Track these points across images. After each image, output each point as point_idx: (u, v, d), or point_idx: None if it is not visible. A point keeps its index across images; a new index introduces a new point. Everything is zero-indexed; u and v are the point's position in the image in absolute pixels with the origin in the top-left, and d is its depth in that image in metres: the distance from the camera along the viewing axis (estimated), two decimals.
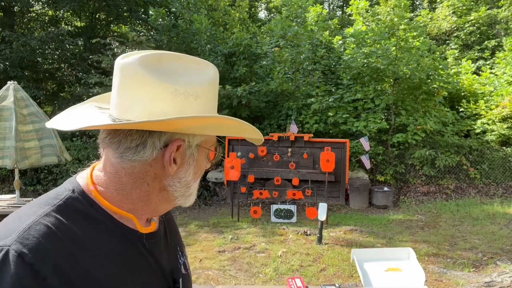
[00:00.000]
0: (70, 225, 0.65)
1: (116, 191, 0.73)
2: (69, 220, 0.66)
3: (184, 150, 0.73)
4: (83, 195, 0.71)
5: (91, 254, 0.65)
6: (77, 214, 0.68)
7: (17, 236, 0.59)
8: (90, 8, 12.99)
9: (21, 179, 6.04)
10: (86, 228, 0.67)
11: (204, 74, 0.74)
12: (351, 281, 4.03)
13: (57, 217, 0.65)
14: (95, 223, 0.69)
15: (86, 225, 0.68)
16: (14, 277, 0.55)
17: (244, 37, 10.06)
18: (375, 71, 9.04)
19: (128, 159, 0.71)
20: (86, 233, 0.67)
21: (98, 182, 0.74)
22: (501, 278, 3.23)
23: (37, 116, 4.34)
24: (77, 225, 0.66)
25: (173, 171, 0.72)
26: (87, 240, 0.66)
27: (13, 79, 6.13)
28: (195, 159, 0.76)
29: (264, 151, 7.56)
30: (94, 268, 0.64)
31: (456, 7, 14.43)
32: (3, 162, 4.07)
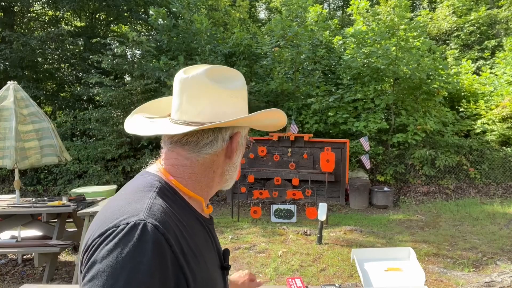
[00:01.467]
0: (171, 207, 0.79)
1: (190, 180, 0.88)
2: (168, 203, 0.79)
3: (240, 140, 0.92)
4: (168, 185, 0.85)
5: (188, 232, 0.78)
6: (169, 200, 0.81)
7: (147, 213, 0.71)
8: (90, 8, 12.99)
9: (21, 179, 6.04)
10: (179, 212, 0.81)
11: (240, 79, 0.92)
12: (351, 281, 4.03)
13: (163, 200, 0.79)
14: (182, 206, 0.84)
15: (178, 208, 0.82)
16: (155, 243, 0.67)
17: (244, 37, 10.06)
18: (375, 71, 9.04)
19: (205, 152, 0.87)
20: (181, 215, 0.80)
21: (173, 174, 0.88)
22: (501, 278, 3.23)
23: (37, 116, 4.33)
24: (174, 207, 0.80)
25: (234, 157, 0.91)
26: (182, 220, 0.79)
27: (13, 79, 6.13)
28: (242, 146, 0.94)
29: (264, 151, 7.56)
30: (194, 243, 0.79)
31: (456, 7, 14.43)
32: (3, 162, 4.06)
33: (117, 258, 0.64)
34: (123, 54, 9.42)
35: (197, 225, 0.86)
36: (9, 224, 4.39)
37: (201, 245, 0.83)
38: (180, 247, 0.72)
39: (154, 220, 0.69)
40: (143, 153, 9.15)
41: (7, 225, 4.38)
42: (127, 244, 0.65)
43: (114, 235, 0.66)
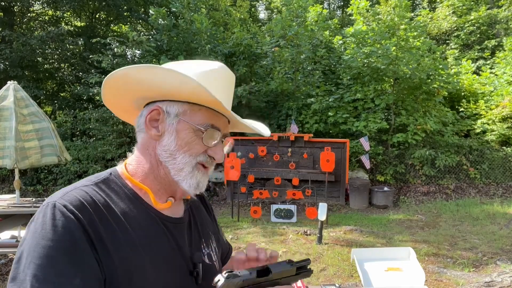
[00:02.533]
0: (104, 196, 0.78)
1: (137, 166, 0.86)
2: (103, 193, 0.79)
3: (164, 118, 0.83)
4: (118, 177, 0.84)
5: (118, 220, 0.76)
6: (110, 190, 0.81)
7: (60, 196, 0.74)
8: (90, 8, 12.99)
9: (21, 179, 6.04)
10: (117, 202, 0.79)
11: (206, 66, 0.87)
12: (351, 281, 4.03)
13: (93, 188, 0.78)
14: (126, 199, 0.81)
15: (117, 199, 0.80)
16: (62, 219, 0.69)
17: (245, 37, 10.06)
18: (375, 71, 9.03)
19: (137, 130, 0.86)
20: (116, 204, 0.78)
21: (129, 162, 0.88)
22: (501, 278, 3.23)
23: (37, 116, 4.33)
24: (110, 198, 0.79)
25: (153, 135, 0.83)
26: (116, 209, 0.77)
27: (13, 79, 6.12)
28: (175, 129, 0.82)
29: (264, 151, 7.56)
30: (119, 231, 0.75)
31: (456, 7, 14.43)
32: (3, 162, 4.06)
33: (28, 233, 0.70)
34: (123, 54, 9.42)
35: (144, 220, 0.80)
36: (9, 224, 4.39)
37: (140, 238, 0.77)
38: (96, 230, 0.71)
39: (64, 201, 0.72)
40: None
41: (7, 225, 4.38)
42: (38, 221, 0.70)
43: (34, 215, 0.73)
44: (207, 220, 1.04)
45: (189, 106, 0.83)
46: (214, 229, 1.05)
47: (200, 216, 1.00)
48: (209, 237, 0.99)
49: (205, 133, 0.82)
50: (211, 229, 1.03)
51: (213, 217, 1.10)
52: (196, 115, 0.83)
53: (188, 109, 0.83)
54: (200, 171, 0.85)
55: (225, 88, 0.88)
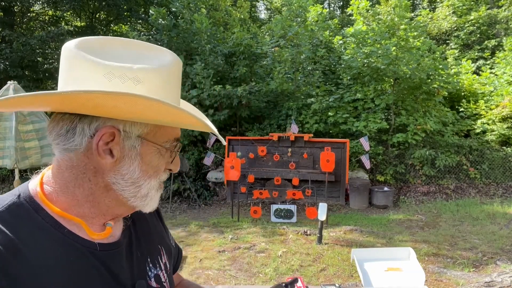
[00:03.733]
0: (9, 234, 0.60)
1: (61, 191, 0.67)
2: (9, 228, 0.60)
3: (121, 140, 0.66)
4: (30, 200, 0.66)
5: (29, 266, 0.59)
6: (18, 221, 0.62)
7: None
8: (90, 8, 12.99)
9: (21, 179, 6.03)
10: (28, 237, 0.61)
11: (153, 60, 0.67)
12: (351, 281, 4.03)
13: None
14: (39, 231, 0.63)
15: (28, 234, 0.62)
16: None
17: (245, 37, 10.06)
18: (376, 71, 9.03)
19: (61, 147, 0.66)
20: (27, 243, 0.61)
21: (46, 181, 0.69)
22: (501, 278, 3.23)
23: (37, 116, 4.34)
24: (17, 233, 0.61)
25: (107, 163, 0.66)
26: (27, 251, 0.60)
27: (13, 79, 6.12)
28: (139, 153, 0.67)
29: (264, 151, 7.56)
30: (29, 281, 0.59)
31: (456, 7, 14.43)
32: (3, 162, 4.07)
33: None
34: None
35: (66, 257, 0.64)
36: None
37: (62, 284, 0.62)
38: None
39: None
40: None
41: None
42: None
43: None
44: (154, 229, 0.88)
45: (153, 125, 0.69)
46: (162, 239, 0.90)
47: (144, 229, 0.84)
48: (157, 252, 0.84)
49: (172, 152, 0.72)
50: (160, 240, 0.88)
51: (162, 218, 0.95)
52: (160, 133, 0.70)
53: (153, 128, 0.69)
54: (161, 188, 0.75)
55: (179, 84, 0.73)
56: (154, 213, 0.89)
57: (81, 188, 0.67)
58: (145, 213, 0.80)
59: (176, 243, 1.01)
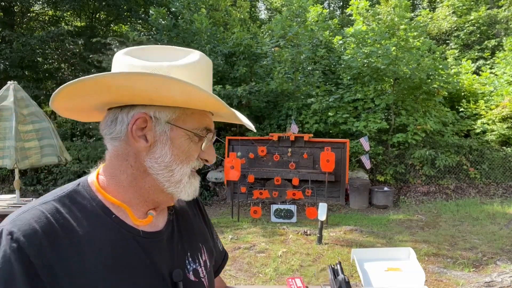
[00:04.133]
0: (65, 214, 0.69)
1: (111, 178, 0.76)
2: (66, 209, 0.70)
3: (153, 126, 0.73)
4: (87, 188, 0.75)
5: (78, 244, 0.67)
6: (75, 206, 0.71)
7: (12, 219, 0.66)
8: (90, 8, 12.98)
9: (21, 179, 6.04)
10: (81, 220, 0.70)
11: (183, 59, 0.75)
12: (351, 281, 4.02)
13: (54, 206, 0.69)
14: (92, 216, 0.71)
15: (82, 217, 0.70)
16: (5, 248, 0.62)
17: (245, 37, 10.06)
18: (376, 71, 9.04)
19: (108, 138, 0.75)
20: (80, 224, 0.69)
21: (101, 172, 0.78)
22: (501, 278, 3.23)
23: (37, 116, 4.33)
24: (73, 215, 0.69)
25: (142, 147, 0.73)
26: (79, 230, 0.68)
27: (13, 79, 6.12)
28: (169, 138, 0.74)
29: (264, 151, 7.56)
30: (77, 257, 0.66)
31: (456, 7, 14.44)
32: (3, 162, 4.06)
33: None
34: None
35: (113, 239, 0.71)
36: None
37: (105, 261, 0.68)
38: (44, 260, 0.63)
39: (13, 226, 0.64)
40: None
41: None
42: None
43: None
44: (197, 228, 0.93)
45: (181, 111, 0.74)
46: (205, 239, 0.94)
47: (186, 225, 0.89)
48: (198, 249, 0.88)
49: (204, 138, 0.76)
50: (202, 239, 0.92)
51: (208, 222, 1.00)
52: (189, 120, 0.75)
53: (181, 114, 0.75)
54: (197, 177, 0.79)
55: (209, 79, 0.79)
56: (198, 214, 0.97)
57: (125, 174, 0.74)
58: (189, 212, 0.92)
59: (223, 248, 1.08)
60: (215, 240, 1.02)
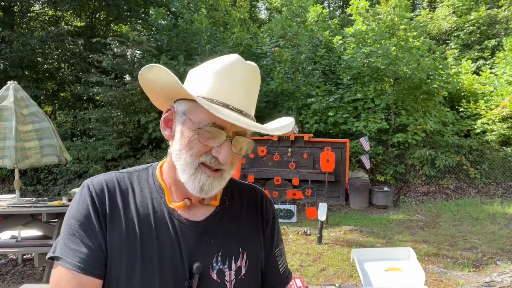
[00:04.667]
0: (129, 185, 0.87)
1: (167, 163, 0.89)
2: (131, 182, 0.88)
3: (176, 117, 0.84)
4: (154, 169, 0.91)
5: (127, 209, 0.83)
6: (139, 181, 0.88)
7: (94, 176, 0.87)
8: (90, 8, 12.98)
9: (21, 179, 6.04)
10: (139, 193, 0.86)
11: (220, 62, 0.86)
12: (351, 281, 4.03)
13: (125, 175, 0.88)
14: (149, 192, 0.87)
15: (140, 191, 0.87)
16: (81, 195, 0.83)
17: (245, 37, 10.06)
18: (375, 71, 9.04)
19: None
20: (137, 195, 0.86)
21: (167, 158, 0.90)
22: (501, 278, 3.23)
23: (37, 116, 4.33)
24: (133, 188, 0.87)
25: (168, 135, 0.85)
26: (134, 199, 0.85)
27: (13, 79, 6.12)
28: (181, 128, 0.81)
29: (264, 151, 7.56)
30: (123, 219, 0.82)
31: (456, 7, 14.43)
32: (3, 162, 4.06)
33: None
34: (123, 54, 9.42)
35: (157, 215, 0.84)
36: (9, 224, 4.39)
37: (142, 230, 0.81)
38: (105, 211, 0.81)
39: (91, 181, 0.85)
40: (143, 153, 9.15)
41: (7, 225, 4.38)
42: (74, 196, 0.85)
43: None
44: (244, 233, 0.91)
45: (193, 104, 0.80)
46: (250, 246, 0.91)
47: (231, 226, 0.90)
48: (234, 252, 0.88)
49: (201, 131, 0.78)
50: (245, 245, 0.90)
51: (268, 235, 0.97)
52: (199, 113, 0.79)
53: (192, 107, 0.80)
54: (205, 173, 0.80)
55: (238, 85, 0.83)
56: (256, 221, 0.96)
57: (170, 161, 0.86)
58: (242, 215, 0.94)
59: (288, 274, 1.02)
60: (274, 257, 0.98)
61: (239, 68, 0.83)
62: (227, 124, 0.79)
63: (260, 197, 1.00)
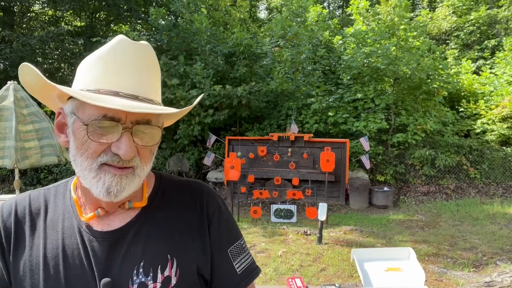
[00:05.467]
0: (44, 201, 0.81)
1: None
2: (48, 197, 0.82)
3: (67, 120, 0.74)
4: (70, 184, 0.84)
5: (38, 228, 0.77)
6: (57, 197, 0.82)
7: (8, 201, 0.81)
8: (90, 8, 12.98)
9: (21, 179, 6.04)
10: (53, 209, 0.80)
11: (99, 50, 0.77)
12: (351, 281, 4.03)
13: (40, 193, 0.83)
14: (64, 207, 0.80)
15: (55, 206, 0.80)
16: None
17: (245, 37, 10.06)
18: (375, 71, 9.03)
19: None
20: (50, 210, 0.80)
21: None
22: (501, 278, 3.23)
23: (37, 116, 4.33)
24: (50, 203, 0.81)
25: (62, 142, 0.76)
26: (46, 216, 0.79)
27: (13, 79, 6.10)
28: (72, 130, 0.72)
29: (264, 151, 7.56)
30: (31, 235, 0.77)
31: (456, 7, 14.43)
32: (3, 162, 4.06)
33: None
34: None
35: (67, 231, 0.77)
36: None
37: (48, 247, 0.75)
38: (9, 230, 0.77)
39: (2, 206, 0.80)
40: None
41: None
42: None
43: None
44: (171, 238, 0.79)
45: (79, 102, 0.70)
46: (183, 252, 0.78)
47: (156, 231, 0.78)
48: (160, 261, 0.76)
49: (90, 127, 0.68)
50: (174, 251, 0.77)
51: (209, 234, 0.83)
52: (87, 108, 0.69)
53: (79, 104, 0.70)
54: (109, 173, 0.69)
55: (126, 68, 0.72)
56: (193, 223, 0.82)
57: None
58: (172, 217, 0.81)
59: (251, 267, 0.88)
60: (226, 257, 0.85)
61: (125, 50, 0.73)
62: (121, 114, 0.68)
63: (199, 193, 0.85)
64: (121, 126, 0.68)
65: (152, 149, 0.75)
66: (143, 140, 0.72)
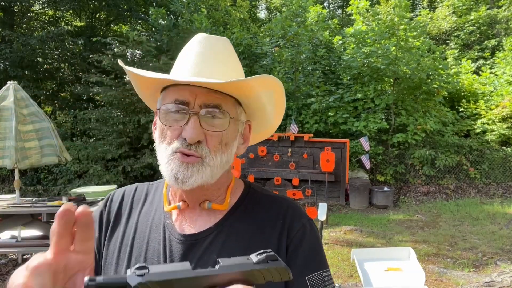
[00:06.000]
0: (146, 193, 0.86)
1: None
2: (150, 190, 0.87)
3: (158, 113, 0.75)
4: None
5: (133, 216, 0.82)
6: (155, 190, 0.86)
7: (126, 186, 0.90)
8: (90, 8, 12.99)
9: (21, 179, 6.04)
10: (150, 201, 0.84)
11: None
12: (351, 281, 4.03)
13: (145, 186, 0.88)
14: (157, 201, 0.84)
15: (152, 199, 0.85)
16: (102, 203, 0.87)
17: (245, 37, 10.07)
18: (375, 71, 9.03)
19: None
20: (148, 202, 0.84)
21: None
22: (501, 278, 3.23)
23: (37, 116, 4.33)
24: (149, 196, 0.85)
25: (154, 138, 0.78)
26: (142, 206, 0.84)
27: (13, 79, 6.11)
28: (156, 122, 0.76)
29: (264, 151, 7.56)
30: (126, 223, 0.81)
31: (456, 7, 14.43)
32: (3, 162, 4.06)
33: None
34: (123, 54, 9.41)
35: (153, 224, 0.78)
36: (9, 224, 4.39)
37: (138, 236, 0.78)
38: (110, 212, 0.83)
39: (117, 189, 0.88)
40: (143, 153, 9.14)
41: (7, 225, 4.38)
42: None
43: None
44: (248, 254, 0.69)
45: (164, 93, 0.75)
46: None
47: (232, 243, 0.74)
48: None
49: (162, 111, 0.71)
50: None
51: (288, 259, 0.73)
52: (165, 98, 0.74)
53: (163, 96, 0.75)
54: (177, 160, 0.70)
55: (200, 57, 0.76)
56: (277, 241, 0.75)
57: None
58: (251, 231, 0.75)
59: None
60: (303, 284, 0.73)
61: (202, 42, 0.79)
62: (189, 98, 0.70)
63: (284, 210, 0.78)
64: (188, 110, 0.70)
65: (223, 138, 0.73)
66: (210, 125, 0.71)
